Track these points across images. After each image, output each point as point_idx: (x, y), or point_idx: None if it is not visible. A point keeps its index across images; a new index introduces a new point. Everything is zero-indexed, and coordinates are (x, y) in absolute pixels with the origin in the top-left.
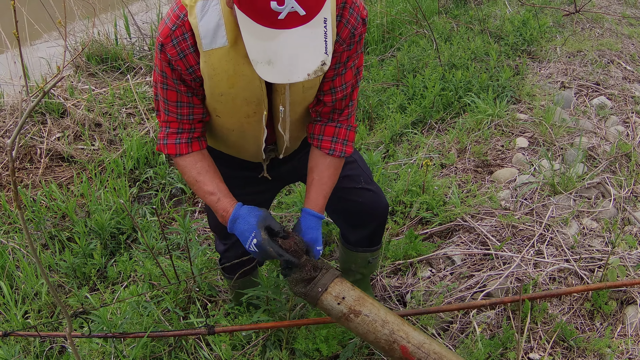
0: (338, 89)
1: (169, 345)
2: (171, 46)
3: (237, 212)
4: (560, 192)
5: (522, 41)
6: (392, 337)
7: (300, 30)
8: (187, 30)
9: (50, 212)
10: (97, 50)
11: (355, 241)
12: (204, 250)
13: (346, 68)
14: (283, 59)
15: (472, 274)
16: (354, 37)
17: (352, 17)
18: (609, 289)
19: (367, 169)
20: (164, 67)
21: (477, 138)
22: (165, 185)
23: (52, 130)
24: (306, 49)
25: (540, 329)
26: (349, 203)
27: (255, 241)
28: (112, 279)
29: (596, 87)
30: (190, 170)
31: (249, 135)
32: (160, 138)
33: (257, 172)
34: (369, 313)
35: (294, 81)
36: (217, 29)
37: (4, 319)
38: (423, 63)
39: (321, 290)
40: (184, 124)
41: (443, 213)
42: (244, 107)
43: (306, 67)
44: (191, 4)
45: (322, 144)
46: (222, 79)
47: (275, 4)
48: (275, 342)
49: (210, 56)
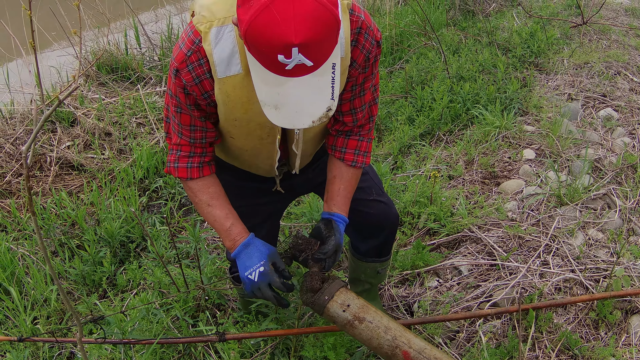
0: (358, 109)
1: (178, 352)
2: (187, 72)
3: (252, 240)
4: (566, 204)
5: (530, 53)
6: (394, 342)
7: (307, 79)
8: (203, 56)
9: (60, 219)
10: (107, 59)
11: (365, 251)
12: (213, 260)
13: (364, 90)
14: (289, 105)
15: (478, 284)
16: (369, 60)
17: (367, 42)
18: (614, 298)
19: (379, 181)
20: (178, 92)
21: (485, 150)
22: (174, 195)
23: (62, 138)
24: (312, 96)
25: (546, 338)
26: (361, 214)
27: (262, 269)
28: (121, 287)
29: (603, 99)
30: (203, 194)
31: (262, 155)
32: (170, 161)
33: (270, 184)
34: (372, 320)
35: (299, 127)
36: (232, 56)
37: (13, 324)
38: (431, 75)
39: (327, 299)
40: (196, 147)
41: (450, 224)
42: (257, 131)
43: (312, 114)
44: (205, 30)
45: (345, 157)
46: (236, 105)
47: (283, 57)
48: (284, 350)
49: (225, 83)
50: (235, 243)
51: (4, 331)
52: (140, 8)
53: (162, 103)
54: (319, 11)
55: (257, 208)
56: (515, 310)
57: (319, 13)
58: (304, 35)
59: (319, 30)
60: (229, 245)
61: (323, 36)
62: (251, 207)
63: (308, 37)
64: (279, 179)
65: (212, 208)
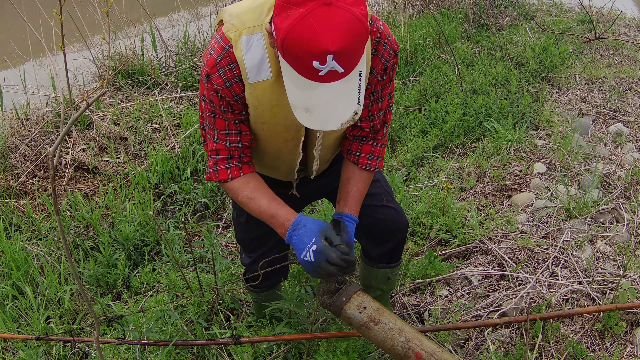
0: (375, 115)
1: (192, 355)
2: (217, 75)
3: (300, 219)
4: (575, 217)
5: (542, 68)
6: (407, 344)
7: (337, 84)
8: (233, 61)
9: (75, 221)
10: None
11: (375, 257)
12: (228, 265)
13: (382, 97)
14: (320, 109)
15: (488, 294)
16: (387, 68)
17: (385, 51)
18: (620, 310)
19: (389, 187)
20: (212, 96)
21: (497, 163)
22: (189, 200)
23: (77, 141)
24: (341, 100)
25: (553, 347)
26: (371, 220)
27: (315, 247)
28: (135, 289)
29: (613, 114)
30: (244, 190)
31: (284, 158)
32: (210, 166)
33: (287, 189)
34: (387, 322)
35: (329, 129)
36: (262, 62)
37: (26, 322)
38: (445, 88)
39: (345, 301)
40: (233, 150)
41: (462, 235)
42: (283, 133)
43: (340, 117)
44: (235, 37)
45: (359, 160)
46: (265, 109)
47: (318, 63)
48: (296, 355)
49: (255, 88)
50: (285, 228)
51: (17, 329)
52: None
53: (178, 109)
54: (352, 22)
55: None
56: (523, 320)
57: (353, 24)
58: (339, 43)
59: (352, 39)
60: (281, 232)
61: (355, 45)
62: None
63: (343, 46)
64: (295, 182)
65: (254, 201)
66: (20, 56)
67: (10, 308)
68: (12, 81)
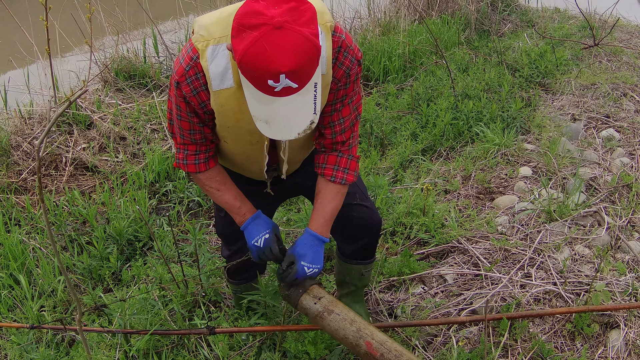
0: (336, 122)
1: (172, 342)
2: (186, 84)
3: (260, 214)
4: (555, 219)
5: (537, 73)
6: (358, 333)
7: (293, 98)
8: (200, 71)
9: (72, 217)
10: (125, 66)
11: (349, 253)
12: (213, 260)
13: (343, 104)
14: (278, 120)
15: (461, 293)
16: (350, 76)
17: (346, 59)
18: (591, 312)
19: (363, 187)
20: (179, 101)
21: (483, 166)
22: (183, 199)
23: (78, 140)
24: (298, 112)
25: (520, 346)
26: (346, 218)
27: (267, 236)
28: (125, 282)
29: (606, 120)
30: (211, 183)
31: (252, 159)
32: (179, 158)
33: (262, 187)
34: (340, 312)
35: (287, 139)
36: (225, 72)
37: (20, 311)
38: (438, 92)
39: (302, 292)
40: (199, 146)
41: (440, 235)
42: (248, 137)
43: (297, 127)
44: (202, 48)
45: (324, 172)
46: (228, 115)
47: (272, 82)
48: (271, 345)
49: (219, 95)
50: (245, 217)
51: (11, 317)
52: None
53: None
54: (302, 43)
55: None
56: (482, 319)
57: (303, 45)
58: (290, 64)
59: (302, 59)
60: (239, 221)
61: (306, 64)
62: None
63: (293, 66)
64: (269, 181)
65: (222, 192)
66: (25, 58)
67: (5, 296)
68: (17, 81)
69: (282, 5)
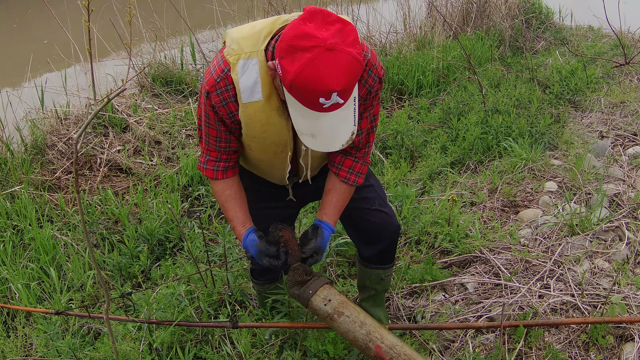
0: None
1: (196, 337)
2: (215, 95)
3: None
4: (577, 233)
5: (568, 90)
6: (368, 337)
7: (337, 112)
8: (230, 83)
9: (104, 216)
10: (162, 72)
11: (368, 257)
12: (242, 262)
13: (362, 118)
14: (323, 134)
15: (480, 301)
16: (370, 93)
17: (370, 78)
18: (606, 323)
19: (383, 193)
20: (208, 110)
21: (509, 180)
22: (215, 203)
23: (113, 142)
24: (341, 125)
25: (534, 354)
26: (364, 222)
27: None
28: (154, 280)
29: (633, 138)
30: (220, 196)
31: (275, 167)
32: (201, 162)
33: (284, 193)
34: (350, 315)
35: (332, 150)
36: (255, 85)
37: (48, 303)
38: (469, 107)
39: (312, 293)
40: (222, 154)
41: (463, 245)
42: (272, 147)
43: (341, 139)
44: (234, 61)
45: (340, 172)
46: (256, 126)
47: (323, 99)
48: (292, 344)
49: (247, 108)
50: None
51: (40, 307)
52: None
53: None
54: (352, 63)
55: (271, 211)
56: (497, 326)
57: (352, 65)
58: (343, 83)
59: (352, 77)
60: (240, 231)
61: (354, 82)
62: (265, 210)
63: (345, 85)
64: (289, 187)
65: (224, 209)
66: (63, 60)
67: (35, 288)
68: (54, 82)
69: (329, 27)
